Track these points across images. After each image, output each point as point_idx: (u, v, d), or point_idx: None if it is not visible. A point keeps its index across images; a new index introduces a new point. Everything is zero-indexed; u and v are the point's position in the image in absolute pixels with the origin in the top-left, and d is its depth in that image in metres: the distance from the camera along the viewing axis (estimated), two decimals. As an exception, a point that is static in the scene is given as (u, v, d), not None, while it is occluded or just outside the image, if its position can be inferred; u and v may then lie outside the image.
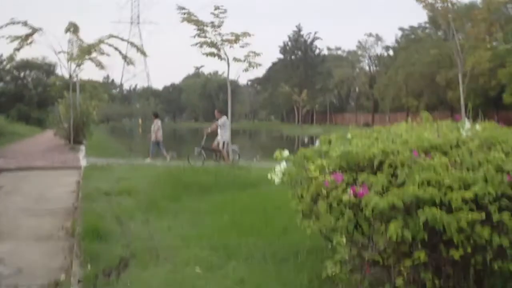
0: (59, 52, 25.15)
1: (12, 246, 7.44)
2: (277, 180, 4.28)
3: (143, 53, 25.55)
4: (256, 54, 16.73)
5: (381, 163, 3.71)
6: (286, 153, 4.37)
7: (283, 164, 4.32)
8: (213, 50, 16.38)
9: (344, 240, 3.54)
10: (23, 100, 69.08)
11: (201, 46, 16.35)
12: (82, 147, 26.29)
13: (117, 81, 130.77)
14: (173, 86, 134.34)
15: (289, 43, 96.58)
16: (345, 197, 3.59)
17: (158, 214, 8.70)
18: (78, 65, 25.25)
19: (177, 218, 8.35)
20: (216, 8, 15.90)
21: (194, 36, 16.24)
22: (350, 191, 3.60)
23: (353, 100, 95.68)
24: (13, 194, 12.24)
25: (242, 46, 16.45)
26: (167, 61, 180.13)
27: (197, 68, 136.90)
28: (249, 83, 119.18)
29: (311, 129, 75.59)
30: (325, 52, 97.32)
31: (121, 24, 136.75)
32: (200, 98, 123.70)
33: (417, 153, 3.74)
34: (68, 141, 27.95)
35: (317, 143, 4.74)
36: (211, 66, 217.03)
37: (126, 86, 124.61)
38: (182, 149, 29.37)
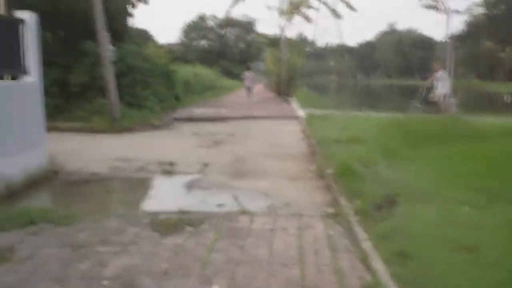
0: (270, 8, 26.09)
1: (270, 184, 8.08)
2: None
3: (352, 8, 25.40)
4: (480, 5, 15.74)
5: None
6: None
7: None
8: (431, 2, 15.79)
9: None
10: (225, 56, 73.51)
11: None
12: (292, 100, 27.19)
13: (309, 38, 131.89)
14: (367, 43, 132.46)
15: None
16: None
17: (400, 160, 8.62)
18: (289, 20, 25.99)
19: (421, 164, 8.24)
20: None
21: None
22: None
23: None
24: (246, 139, 13.24)
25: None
26: (358, 18, 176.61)
27: (391, 25, 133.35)
28: (446, 40, 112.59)
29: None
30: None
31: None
32: (394, 55, 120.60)
33: None
34: (278, 94, 29.21)
35: None
36: (404, 22, 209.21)
37: (318, 44, 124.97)
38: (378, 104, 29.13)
